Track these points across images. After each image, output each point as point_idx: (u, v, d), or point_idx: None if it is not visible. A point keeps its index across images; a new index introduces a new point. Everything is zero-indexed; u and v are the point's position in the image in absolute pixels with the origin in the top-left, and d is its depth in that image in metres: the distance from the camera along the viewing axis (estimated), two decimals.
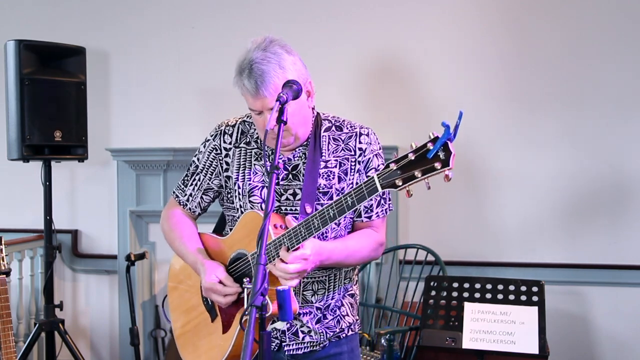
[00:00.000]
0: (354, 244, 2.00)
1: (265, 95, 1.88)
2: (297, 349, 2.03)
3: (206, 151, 2.15)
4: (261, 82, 1.88)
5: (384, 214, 2.07)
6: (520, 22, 3.86)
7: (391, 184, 1.65)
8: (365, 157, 2.02)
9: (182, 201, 2.19)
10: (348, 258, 1.98)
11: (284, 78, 1.89)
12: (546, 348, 2.68)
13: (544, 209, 3.83)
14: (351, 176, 2.02)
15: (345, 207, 1.74)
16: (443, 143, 1.59)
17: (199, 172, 2.15)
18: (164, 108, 4.35)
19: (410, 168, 1.63)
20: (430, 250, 3.62)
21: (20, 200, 4.52)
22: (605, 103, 3.76)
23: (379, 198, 2.04)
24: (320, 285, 2.03)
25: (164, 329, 4.33)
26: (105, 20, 4.41)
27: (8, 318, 2.89)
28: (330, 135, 2.05)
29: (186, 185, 2.18)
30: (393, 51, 3.99)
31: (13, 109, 3.55)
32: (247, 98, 1.96)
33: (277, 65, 1.90)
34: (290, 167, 2.02)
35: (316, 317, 2.03)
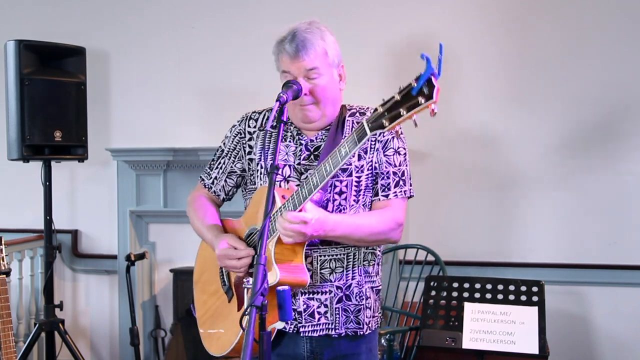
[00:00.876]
0: (363, 218, 2.00)
1: (304, 57, 1.95)
2: (312, 331, 2.02)
3: (231, 135, 2.21)
4: (302, 46, 1.95)
5: (402, 194, 2.05)
6: (520, 22, 3.86)
7: (379, 125, 1.68)
8: (384, 137, 2.04)
9: (207, 184, 2.25)
10: (356, 232, 1.95)
11: (323, 50, 1.97)
12: (546, 348, 2.68)
13: (544, 208, 3.83)
14: (370, 154, 2.03)
15: (339, 157, 1.77)
16: (427, 78, 1.59)
17: (224, 156, 2.21)
18: (164, 108, 4.35)
19: (396, 107, 1.66)
20: (430, 250, 3.62)
21: (20, 200, 4.52)
22: (605, 103, 3.75)
23: (397, 178, 2.04)
24: (338, 263, 2.03)
25: (164, 329, 4.33)
26: (105, 20, 4.41)
27: (8, 318, 2.89)
28: (353, 119, 2.09)
29: (212, 169, 2.25)
30: (392, 52, 3.99)
31: (13, 109, 3.55)
32: (284, 62, 1.99)
33: (319, 37, 1.99)
34: (312, 148, 2.05)
35: (337, 297, 2.03)
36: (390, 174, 2.04)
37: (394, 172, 2.04)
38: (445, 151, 3.92)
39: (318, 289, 2.01)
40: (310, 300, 2.02)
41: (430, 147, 3.93)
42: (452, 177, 3.93)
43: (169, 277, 4.20)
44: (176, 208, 4.25)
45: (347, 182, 2.00)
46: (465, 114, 3.89)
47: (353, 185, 2.02)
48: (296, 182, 2.03)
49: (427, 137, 3.89)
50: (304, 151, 2.06)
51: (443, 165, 3.92)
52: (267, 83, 2.63)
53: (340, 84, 2.06)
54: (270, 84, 2.51)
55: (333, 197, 2.00)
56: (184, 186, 4.22)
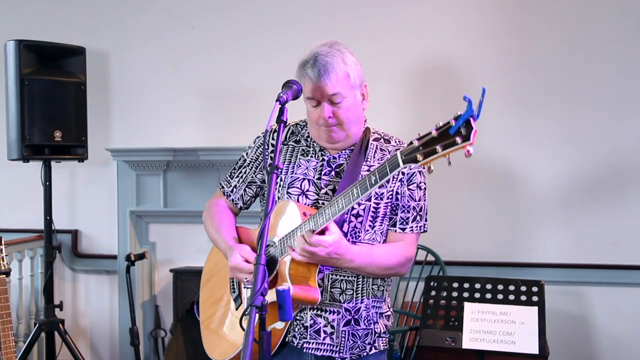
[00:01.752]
0: (381, 252, 2.01)
1: (326, 83, 1.96)
2: (316, 349, 2.02)
3: (255, 146, 2.22)
4: (324, 71, 1.96)
5: (418, 230, 2.09)
6: (521, 24, 3.86)
7: (413, 158, 1.68)
8: (410, 170, 2.06)
9: (226, 192, 2.26)
10: (372, 265, 1.98)
11: (345, 73, 1.98)
12: (546, 348, 2.68)
13: (544, 208, 3.82)
14: (393, 184, 2.04)
15: (369, 184, 1.76)
16: (465, 119, 1.59)
17: (246, 166, 2.22)
18: (164, 108, 4.35)
19: (432, 144, 1.65)
20: (430, 250, 3.62)
21: (20, 200, 4.52)
22: (605, 103, 3.75)
23: (415, 213, 2.07)
24: (349, 285, 2.03)
25: (164, 329, 4.33)
26: (105, 20, 4.41)
27: (8, 318, 2.89)
28: (377, 145, 2.10)
29: (232, 177, 2.26)
30: (392, 52, 3.99)
31: (13, 109, 3.55)
32: (307, 87, 2.00)
33: (340, 60, 1.99)
34: (334, 165, 2.07)
35: (345, 319, 2.03)
36: (411, 208, 2.06)
37: (414, 207, 2.07)
38: None
39: (326, 307, 2.02)
40: (318, 317, 2.02)
41: None
42: (452, 177, 3.92)
43: (169, 277, 4.20)
44: (176, 208, 4.25)
45: (365, 207, 2.01)
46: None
47: (370, 211, 2.03)
48: (314, 196, 2.04)
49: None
50: (325, 167, 2.07)
51: (443, 166, 3.90)
52: (267, 83, 2.64)
53: (363, 103, 2.08)
54: (270, 84, 2.52)
55: (349, 219, 2.01)
56: (184, 186, 4.22)
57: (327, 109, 1.97)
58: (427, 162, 1.67)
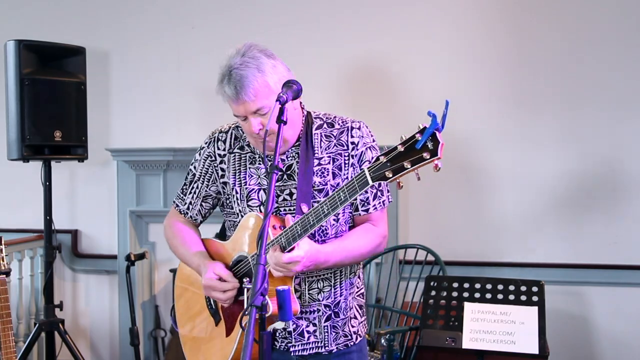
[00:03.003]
0: (352, 243, 2.00)
1: (245, 100, 1.89)
2: (302, 349, 2.03)
3: (201, 159, 2.16)
4: (240, 87, 1.88)
5: (381, 206, 2.06)
6: (520, 23, 3.86)
7: (381, 176, 1.65)
8: (358, 151, 2.02)
9: (182, 210, 2.21)
10: (347, 258, 1.98)
11: (263, 81, 1.89)
12: (546, 348, 2.68)
13: (544, 208, 3.83)
14: (345, 171, 2.02)
15: (339, 202, 1.74)
16: (431, 133, 1.59)
17: (197, 180, 2.17)
18: (164, 108, 4.35)
19: (399, 159, 1.63)
20: (430, 250, 3.62)
21: (20, 200, 4.51)
22: (605, 103, 3.75)
23: (375, 190, 2.04)
24: (326, 282, 2.04)
25: (164, 329, 4.33)
26: (105, 20, 4.41)
27: (8, 318, 2.89)
28: (322, 132, 2.05)
29: (185, 194, 2.20)
30: (392, 52, 3.99)
31: (13, 109, 3.55)
32: (230, 104, 1.96)
33: (255, 69, 1.90)
34: (285, 168, 2.03)
35: (325, 315, 2.04)
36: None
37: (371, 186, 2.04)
38: (445, 151, 3.91)
39: (306, 309, 2.02)
40: (299, 320, 2.02)
41: None
42: (452, 177, 3.92)
43: (169, 277, 4.20)
44: None
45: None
46: (465, 114, 3.89)
47: None
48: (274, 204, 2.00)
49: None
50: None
51: (443, 165, 3.89)
52: None
53: (294, 102, 1.97)
54: None
55: None
56: None
57: (255, 123, 1.91)
58: (396, 178, 1.64)
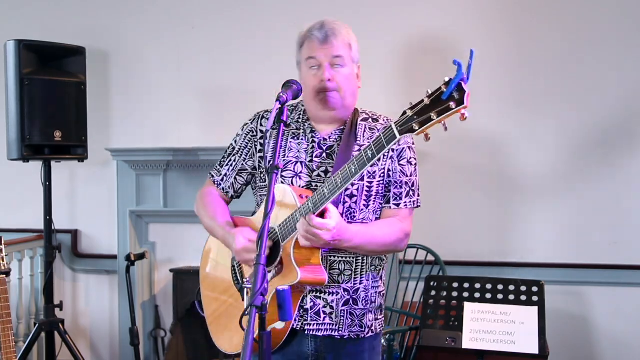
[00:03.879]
0: (377, 230, 2.03)
1: (332, 43, 2.02)
2: (317, 329, 2.04)
3: (243, 134, 2.21)
4: (332, 32, 2.03)
5: (412, 205, 2.10)
6: (522, 23, 3.85)
7: (409, 128, 1.69)
8: (400, 147, 2.08)
9: (216, 180, 2.25)
10: (370, 243, 2.00)
11: (349, 40, 2.06)
12: (546, 348, 2.68)
13: (544, 208, 3.82)
14: (384, 162, 2.06)
15: (366, 159, 1.77)
16: (457, 83, 1.60)
17: (235, 154, 2.21)
18: (164, 108, 4.35)
19: (426, 112, 1.66)
20: (430, 250, 3.62)
21: (20, 200, 4.51)
22: (605, 103, 3.75)
23: (407, 188, 2.08)
24: (347, 266, 2.05)
25: (164, 329, 4.33)
26: (105, 20, 4.41)
27: (8, 318, 2.89)
28: (366, 125, 2.11)
29: (222, 166, 2.25)
30: (393, 53, 3.99)
31: (13, 109, 3.55)
32: (311, 46, 2.05)
33: (346, 30, 2.08)
34: (325, 147, 2.08)
35: (344, 299, 2.05)
36: (403, 183, 2.08)
37: (406, 182, 2.08)
38: (445, 151, 3.92)
39: (326, 289, 2.03)
40: (317, 299, 2.03)
41: (431, 147, 3.88)
42: (452, 177, 3.92)
43: (169, 277, 4.20)
44: (176, 208, 4.25)
45: (358, 186, 2.03)
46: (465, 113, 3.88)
47: (364, 190, 2.04)
48: (307, 178, 2.05)
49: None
50: (316, 149, 2.08)
51: (443, 165, 3.92)
52: (267, 83, 2.63)
53: (357, 81, 2.12)
54: (270, 84, 2.51)
55: (344, 200, 2.01)
56: (184, 186, 4.22)
57: (328, 70, 2.01)
58: (424, 130, 1.68)
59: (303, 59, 2.08)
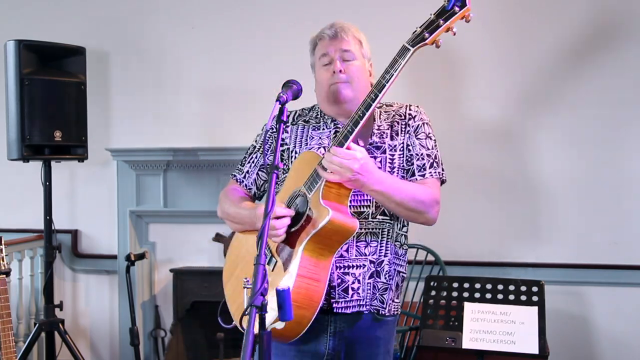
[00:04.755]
0: (407, 184, 2.03)
1: (342, 37, 2.09)
2: (345, 307, 2.02)
3: (263, 132, 2.24)
4: (341, 29, 2.11)
5: (437, 175, 2.12)
6: (526, 22, 3.86)
7: (420, 39, 1.87)
8: (415, 123, 2.12)
9: (238, 178, 2.26)
10: (399, 192, 1.96)
11: (359, 37, 2.13)
12: (546, 348, 2.68)
13: (544, 208, 3.83)
14: (402, 136, 2.10)
15: (384, 81, 1.89)
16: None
17: (256, 151, 2.25)
18: (164, 108, 4.35)
19: (433, 23, 1.84)
20: (430, 250, 3.62)
21: (20, 200, 4.52)
22: (605, 103, 3.75)
23: (431, 160, 2.10)
24: (373, 237, 2.05)
25: (164, 329, 4.33)
26: (105, 20, 4.41)
27: (8, 318, 2.89)
28: (381, 110, 2.16)
29: (243, 165, 2.27)
30: (392, 52, 3.99)
31: (13, 109, 3.55)
32: (322, 45, 2.12)
33: (355, 28, 2.15)
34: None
35: (370, 271, 2.05)
36: (425, 155, 2.10)
37: (427, 155, 2.11)
38: (445, 152, 3.90)
39: (353, 263, 2.03)
40: (346, 275, 2.02)
41: None
42: (452, 178, 3.88)
43: (169, 277, 4.20)
44: (176, 208, 4.25)
45: (381, 159, 2.05)
46: (466, 114, 3.89)
47: (387, 163, 2.06)
48: None
49: None
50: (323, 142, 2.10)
51: (443, 165, 3.91)
52: (267, 83, 2.63)
53: (370, 78, 2.16)
54: (270, 84, 2.51)
55: None
56: (184, 186, 4.22)
57: (339, 62, 2.06)
58: (434, 37, 1.84)
59: (317, 59, 2.13)
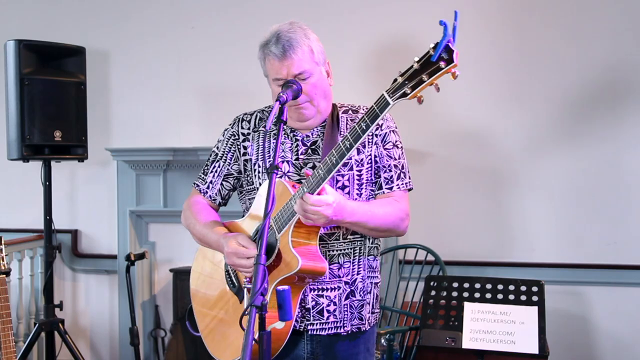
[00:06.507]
0: (377, 205, 2.01)
1: (292, 58, 1.96)
2: (321, 329, 2.02)
3: (224, 139, 2.20)
4: (289, 46, 1.96)
5: (404, 187, 2.09)
6: (520, 22, 3.85)
7: (401, 94, 1.68)
8: (382, 131, 2.07)
9: (202, 189, 2.22)
10: (372, 217, 1.96)
11: (309, 48, 1.98)
12: (546, 348, 2.68)
13: (544, 208, 3.83)
14: (369, 148, 2.06)
15: (360, 132, 1.75)
16: (444, 45, 1.61)
17: (219, 159, 2.19)
18: (164, 108, 4.35)
19: (416, 75, 1.66)
20: (430, 250, 3.62)
21: (20, 200, 4.52)
22: (605, 103, 3.75)
23: (398, 171, 2.07)
24: (346, 258, 2.04)
25: (163, 329, 4.33)
26: (105, 20, 4.41)
27: (8, 318, 2.89)
28: (347, 117, 2.11)
29: (206, 174, 2.21)
30: (394, 52, 3.99)
31: (13, 109, 3.55)
32: (272, 66, 2.01)
33: (303, 35, 2.00)
34: (309, 143, 2.07)
35: (345, 292, 2.04)
36: (392, 167, 2.07)
37: (395, 165, 2.07)
38: (445, 151, 3.92)
39: (327, 286, 2.02)
40: (320, 298, 2.02)
41: (430, 147, 3.93)
42: (452, 177, 3.93)
43: (169, 277, 4.20)
44: (176, 208, 4.25)
45: (348, 176, 2.03)
46: (465, 113, 3.89)
47: (355, 179, 2.03)
48: (296, 177, 2.04)
49: (427, 137, 3.89)
50: (300, 146, 2.07)
51: (443, 165, 3.92)
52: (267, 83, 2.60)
53: (329, 79, 2.08)
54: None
55: None
56: (184, 186, 4.21)
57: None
58: (416, 93, 1.66)
59: (270, 77, 2.05)
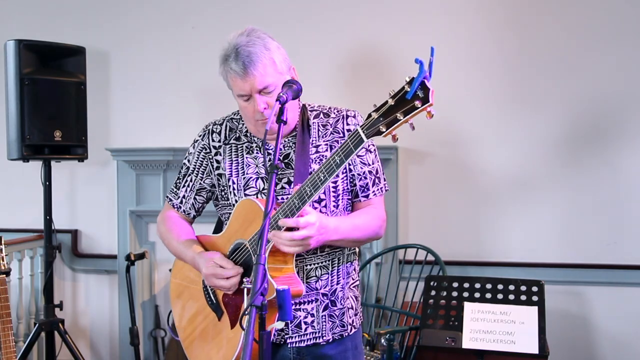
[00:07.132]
0: (357, 218, 2.01)
1: (254, 75, 1.89)
2: (300, 341, 2.01)
3: (195, 152, 2.16)
4: (249, 62, 1.89)
5: (380, 192, 2.08)
6: (520, 23, 3.85)
7: (376, 131, 1.65)
8: None
9: (175, 204, 2.19)
10: (354, 229, 1.96)
11: (270, 59, 1.91)
12: (546, 348, 2.68)
13: (544, 208, 3.83)
14: None
15: (335, 165, 1.73)
16: (420, 82, 1.58)
17: (190, 173, 2.16)
18: (164, 108, 4.35)
19: (391, 112, 1.63)
20: (430, 250, 3.62)
21: (20, 200, 4.51)
22: (605, 103, 3.75)
23: (373, 177, 2.06)
24: (324, 270, 2.02)
25: (163, 329, 4.33)
26: (105, 20, 4.41)
27: (8, 318, 2.89)
28: (318, 122, 2.06)
29: (179, 188, 2.18)
30: (394, 53, 3.99)
31: (13, 109, 3.55)
32: (235, 83, 1.96)
33: (262, 47, 1.91)
34: (282, 157, 2.03)
35: (323, 304, 2.03)
36: (367, 173, 2.05)
37: (369, 172, 2.06)
38: (445, 151, 3.92)
39: (304, 299, 2.00)
40: (297, 311, 2.00)
41: (430, 147, 3.93)
42: (452, 177, 3.93)
43: (169, 277, 4.17)
44: None
45: (324, 189, 1.96)
46: (465, 114, 3.89)
47: (331, 191, 2.01)
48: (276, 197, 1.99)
49: (427, 137, 3.89)
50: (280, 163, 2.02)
51: (443, 165, 3.92)
52: None
53: None
54: None
55: (313, 206, 1.97)
56: None
57: (260, 101, 1.92)
58: (391, 131, 1.64)
59: (233, 91, 2.00)
